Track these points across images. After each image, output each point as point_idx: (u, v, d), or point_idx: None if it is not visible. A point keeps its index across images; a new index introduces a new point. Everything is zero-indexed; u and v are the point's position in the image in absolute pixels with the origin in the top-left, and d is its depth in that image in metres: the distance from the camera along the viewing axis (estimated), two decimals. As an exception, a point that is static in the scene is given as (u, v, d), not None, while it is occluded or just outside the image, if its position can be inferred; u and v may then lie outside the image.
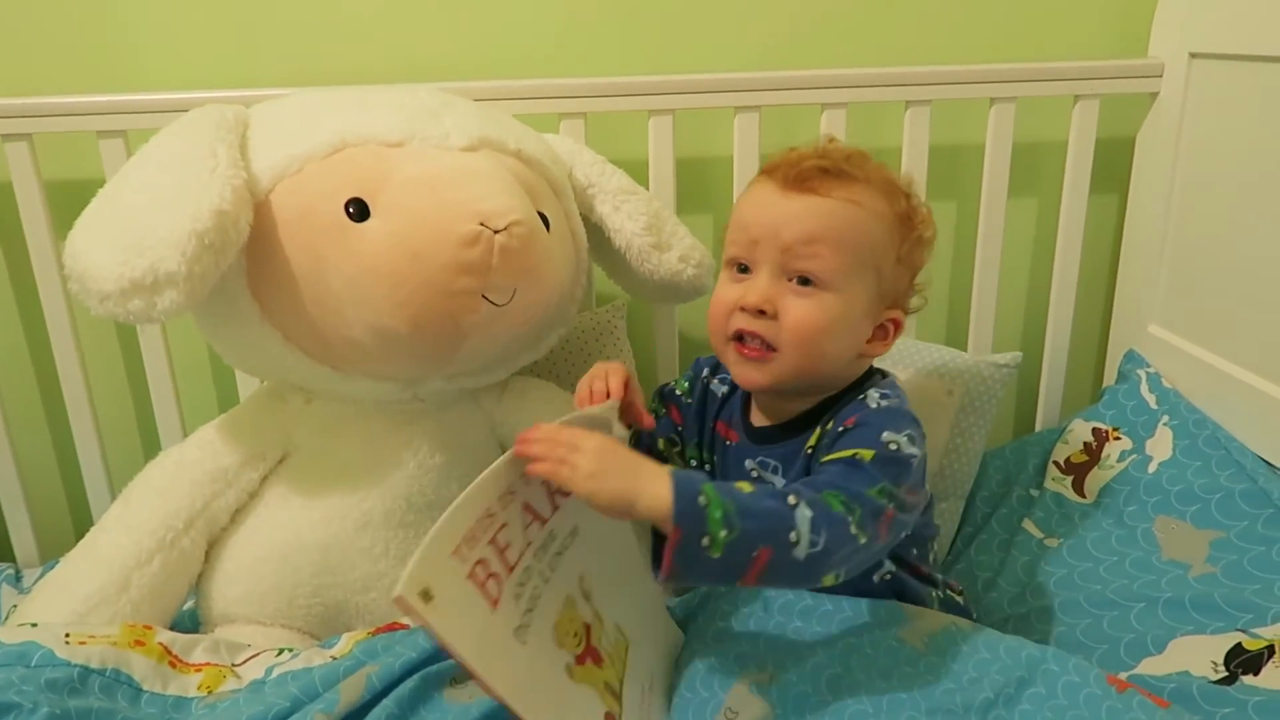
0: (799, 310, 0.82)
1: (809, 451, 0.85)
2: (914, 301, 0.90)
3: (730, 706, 0.78)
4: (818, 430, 0.85)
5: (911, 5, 1.30)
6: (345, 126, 0.92)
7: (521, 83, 1.17)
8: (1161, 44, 1.24)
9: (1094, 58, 1.29)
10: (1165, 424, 1.15)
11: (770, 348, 0.83)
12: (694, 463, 0.98)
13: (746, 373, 0.86)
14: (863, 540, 0.73)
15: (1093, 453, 1.20)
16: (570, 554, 0.76)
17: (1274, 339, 1.08)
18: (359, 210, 0.88)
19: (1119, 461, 1.16)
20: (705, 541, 0.67)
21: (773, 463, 0.89)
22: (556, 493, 0.74)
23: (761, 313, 0.83)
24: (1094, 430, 1.22)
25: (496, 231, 0.87)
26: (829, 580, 0.74)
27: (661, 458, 0.98)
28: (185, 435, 1.04)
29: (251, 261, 0.89)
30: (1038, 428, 1.38)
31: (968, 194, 1.35)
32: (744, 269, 0.85)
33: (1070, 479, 1.19)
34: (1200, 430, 1.12)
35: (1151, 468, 1.12)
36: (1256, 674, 0.86)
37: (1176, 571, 1.00)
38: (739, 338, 0.85)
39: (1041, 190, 1.39)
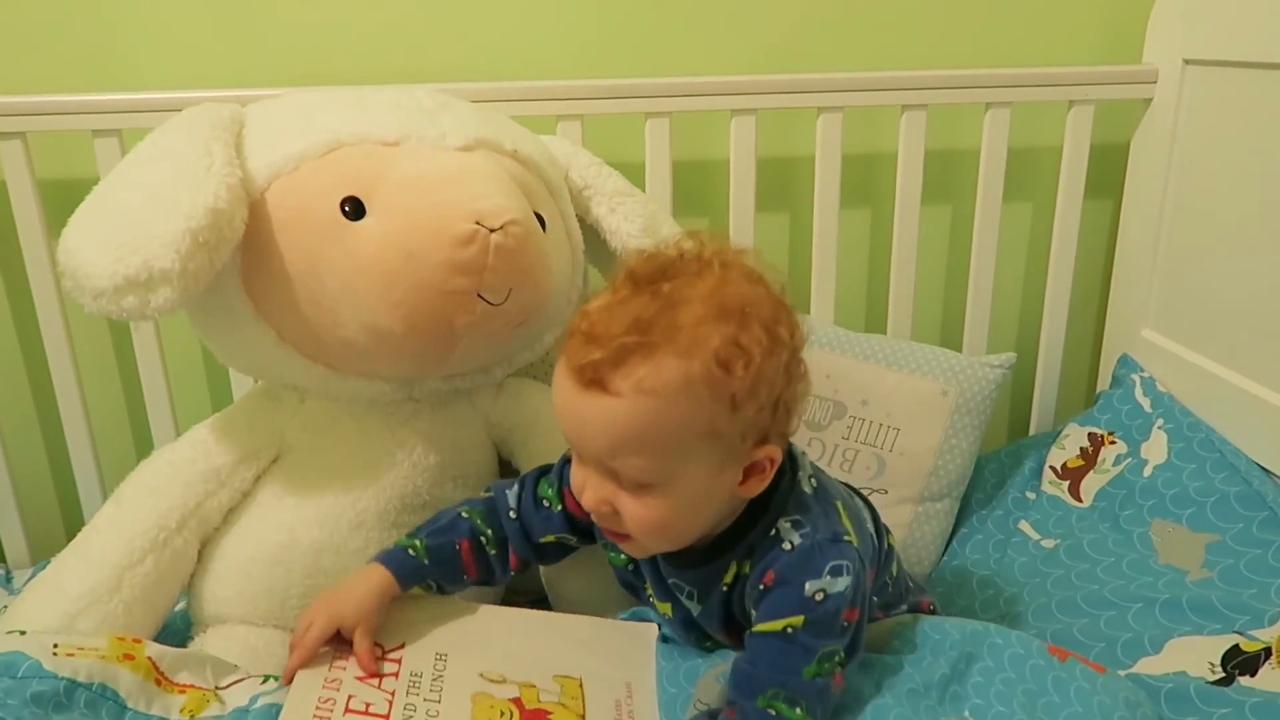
0: (635, 512, 0.75)
1: (725, 588, 0.81)
2: (793, 424, 0.78)
3: (699, 698, 0.81)
4: (733, 566, 0.80)
5: (908, 10, 1.30)
6: (341, 126, 0.91)
7: (518, 84, 1.18)
8: (1156, 50, 1.24)
9: (1089, 64, 1.29)
10: (1160, 428, 1.16)
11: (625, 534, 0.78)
12: (609, 560, 0.91)
13: (628, 549, 0.81)
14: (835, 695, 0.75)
15: (1088, 457, 1.20)
16: (452, 669, 0.79)
17: (1267, 344, 1.08)
18: (354, 209, 0.88)
19: (1114, 465, 1.16)
20: None
21: (688, 588, 0.84)
22: (383, 659, 0.79)
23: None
24: (1089, 435, 1.22)
25: (492, 231, 0.86)
26: None
27: (541, 547, 0.91)
28: (178, 435, 1.03)
29: (246, 260, 0.89)
30: (1032, 431, 1.38)
31: (963, 198, 1.35)
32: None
33: (1066, 483, 1.19)
34: (1195, 434, 1.12)
35: (1147, 471, 1.12)
36: (1253, 675, 0.86)
37: (1174, 575, 1.01)
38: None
39: (1036, 195, 1.40)
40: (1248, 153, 1.10)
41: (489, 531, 0.89)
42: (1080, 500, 1.16)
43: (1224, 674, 0.87)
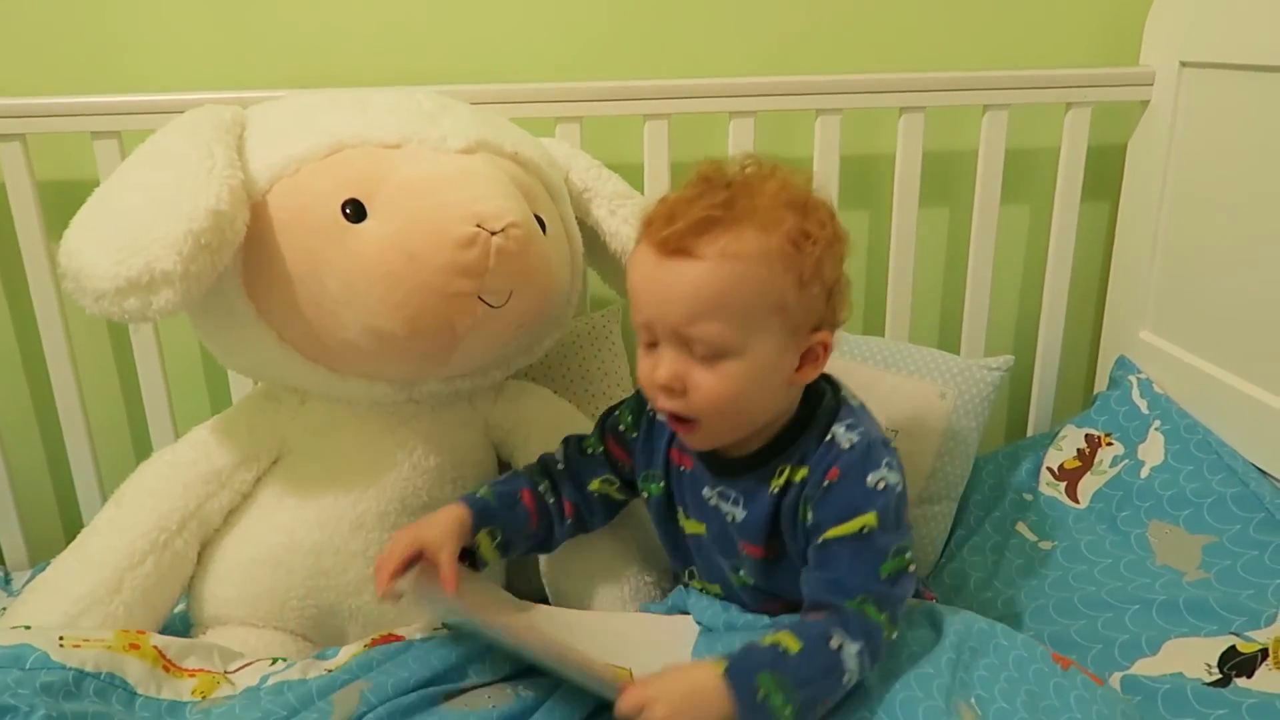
0: (706, 385, 0.79)
1: (773, 494, 0.84)
2: (843, 314, 0.85)
3: None
4: (784, 471, 0.84)
5: (906, 12, 1.31)
6: (342, 128, 0.91)
7: (517, 86, 1.18)
8: (1152, 53, 1.25)
9: (1086, 66, 1.30)
10: (1157, 429, 1.16)
11: (692, 419, 0.82)
12: (644, 494, 0.95)
13: (688, 440, 0.85)
14: (896, 632, 0.79)
15: (1085, 458, 1.20)
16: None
17: (1264, 345, 1.09)
18: (356, 211, 0.88)
19: (1111, 467, 1.17)
20: None
21: (734, 494, 0.87)
22: None
23: (674, 388, 0.80)
24: (1086, 436, 1.22)
25: (493, 233, 0.87)
26: None
27: (590, 497, 0.96)
28: (177, 437, 1.03)
29: (247, 262, 0.89)
30: (1029, 433, 1.38)
31: (961, 200, 1.36)
32: (651, 341, 0.82)
33: (1064, 484, 1.19)
34: (1192, 435, 1.13)
35: (1144, 473, 1.13)
36: (1250, 676, 0.86)
37: (1171, 576, 1.01)
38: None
39: (1034, 197, 1.40)
40: (1244, 154, 1.10)
41: (545, 481, 0.95)
42: (1077, 501, 1.17)
43: (1221, 675, 0.88)
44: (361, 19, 1.23)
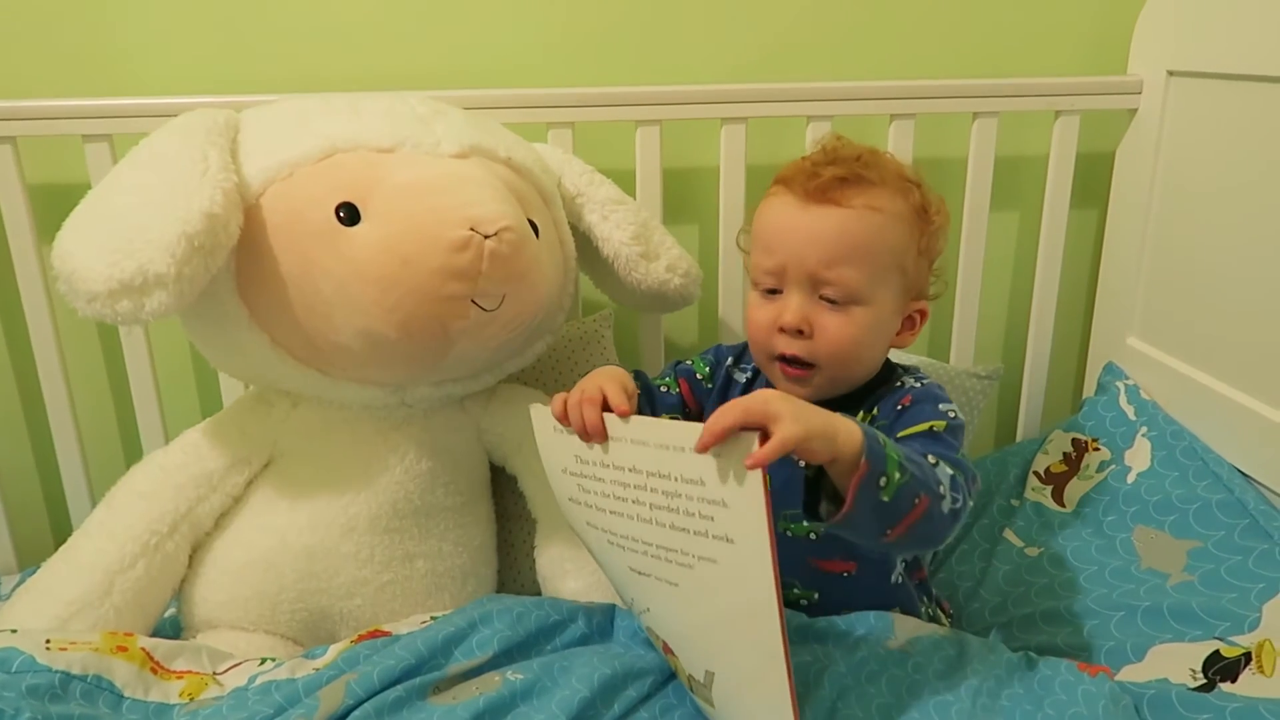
0: (834, 329, 0.84)
1: None
2: (934, 288, 0.92)
3: None
4: (860, 414, 0.88)
5: (898, 20, 1.32)
6: (336, 132, 0.92)
7: (510, 92, 1.18)
8: (1140, 62, 1.26)
9: (1075, 74, 1.31)
10: (1144, 435, 1.17)
11: (810, 364, 0.86)
12: None
13: (793, 389, 0.88)
14: (970, 503, 0.79)
15: (1072, 463, 1.21)
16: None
17: (1250, 352, 1.10)
18: (349, 215, 0.88)
19: (1098, 472, 1.18)
20: (882, 481, 0.71)
21: None
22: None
23: (799, 332, 0.84)
24: (1073, 441, 1.23)
25: (487, 237, 0.87)
26: (947, 540, 0.81)
27: None
28: (167, 440, 1.03)
29: (241, 265, 0.89)
30: (1018, 438, 1.39)
31: (950, 207, 1.35)
32: (773, 290, 0.87)
33: (1050, 489, 1.20)
34: (1178, 441, 1.14)
35: (1130, 478, 1.14)
36: (1234, 681, 0.87)
37: (1155, 581, 1.02)
38: (782, 359, 0.86)
39: (1023, 204, 1.41)
40: (1231, 163, 1.12)
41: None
42: (1063, 506, 1.18)
43: (1205, 680, 0.88)
44: (354, 24, 1.24)
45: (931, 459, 0.77)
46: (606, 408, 0.75)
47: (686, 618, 0.74)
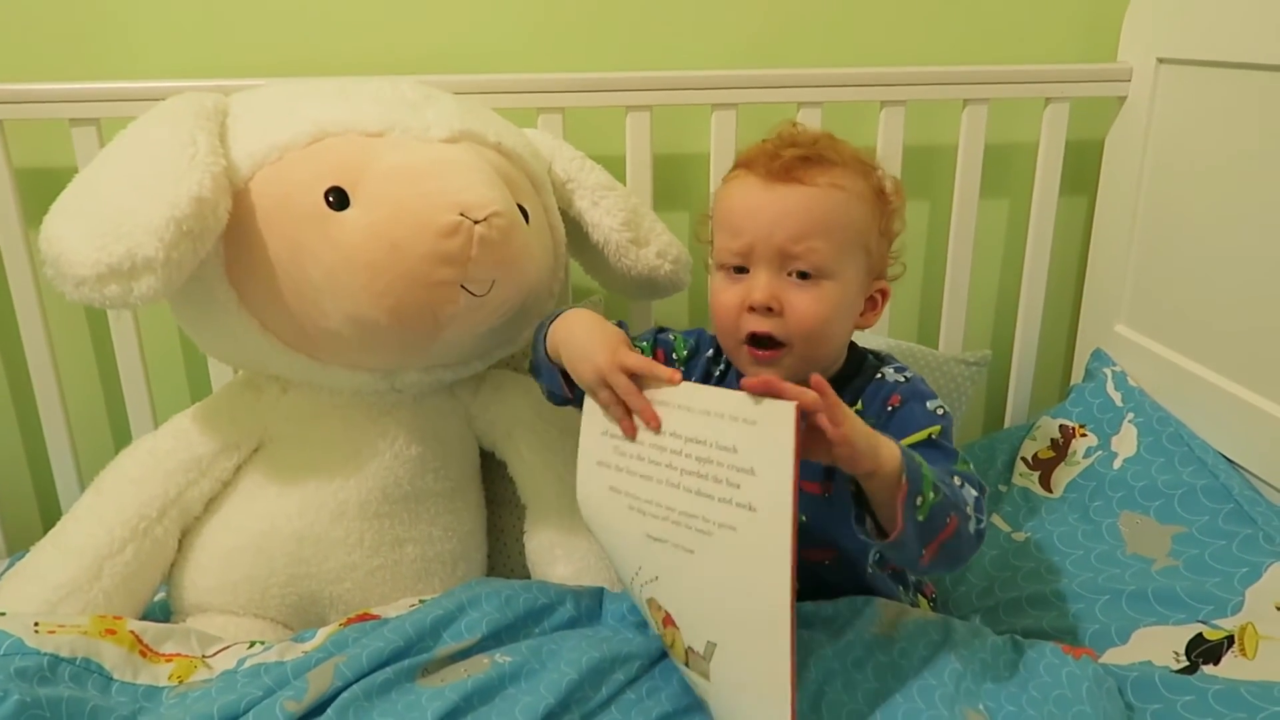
0: (803, 305, 0.84)
1: None
2: (893, 270, 0.93)
3: None
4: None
5: (889, 7, 1.31)
6: (325, 116, 0.91)
7: (500, 77, 1.18)
8: (1130, 49, 1.26)
9: (1065, 62, 1.31)
10: (1130, 421, 1.18)
11: (779, 344, 0.85)
12: None
13: (759, 373, 0.86)
14: (987, 522, 0.80)
15: (1059, 449, 1.22)
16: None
17: (1237, 339, 1.11)
18: (339, 199, 0.88)
19: (1085, 458, 1.19)
20: (919, 501, 0.72)
21: None
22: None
23: (769, 309, 0.84)
24: (1061, 427, 1.24)
25: (476, 223, 0.87)
26: (968, 561, 0.82)
27: None
28: (156, 426, 1.03)
29: (230, 249, 0.89)
30: (1006, 424, 1.40)
31: (940, 194, 1.37)
32: (740, 269, 0.86)
33: (1037, 474, 1.21)
34: (1164, 428, 1.15)
35: (1116, 464, 1.15)
36: (1216, 663, 0.88)
37: (1140, 565, 1.03)
38: (752, 340, 0.86)
39: (1012, 191, 1.41)
40: (1219, 151, 1.12)
41: None
42: (1050, 491, 1.18)
43: (1188, 663, 0.90)
44: (344, 8, 1.23)
45: (957, 480, 0.79)
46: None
47: (697, 586, 0.75)
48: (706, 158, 1.25)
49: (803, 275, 0.84)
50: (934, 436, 0.83)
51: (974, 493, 0.79)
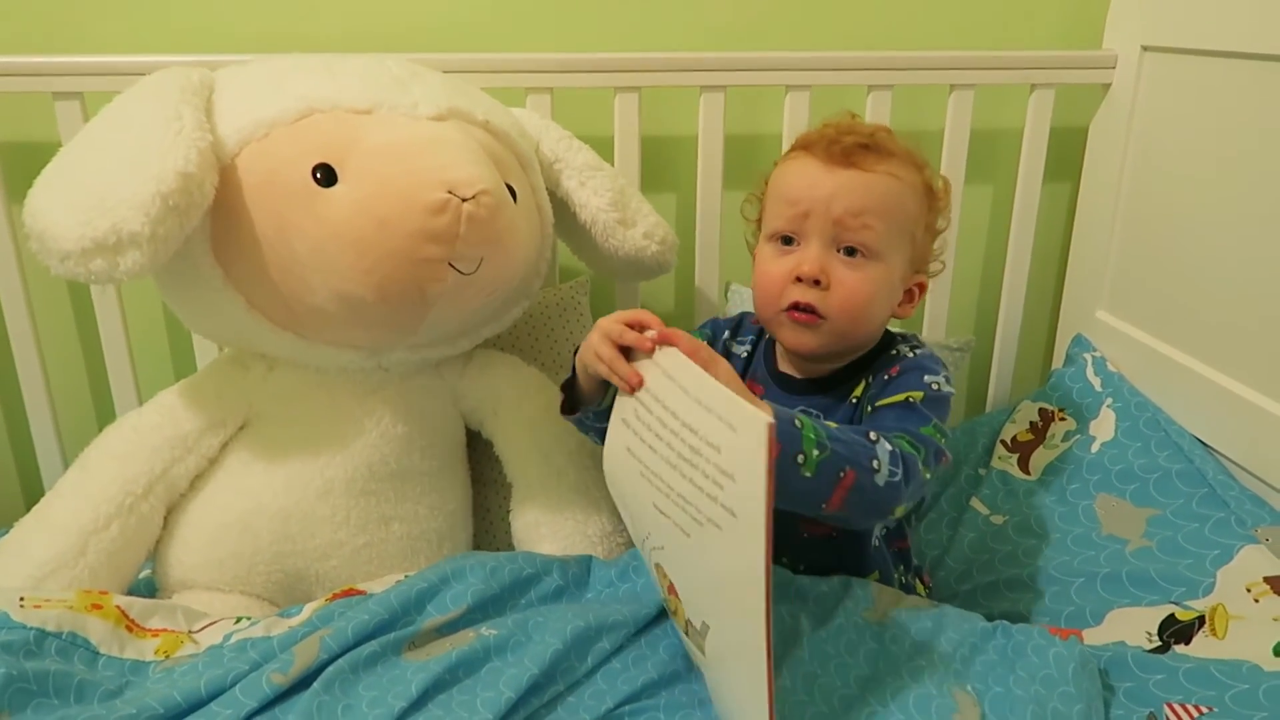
0: (850, 281, 0.87)
1: (854, 401, 0.91)
2: (933, 266, 0.96)
3: None
4: (863, 383, 0.92)
5: (876, -9, 1.32)
6: (313, 92, 0.91)
7: (488, 56, 1.17)
8: (1115, 36, 1.27)
9: (1050, 48, 1.32)
10: (1109, 406, 1.19)
11: (820, 315, 0.88)
12: None
13: (800, 337, 0.90)
14: (927, 475, 0.82)
15: (1038, 432, 1.23)
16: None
17: (1214, 326, 1.12)
18: (326, 176, 0.88)
19: (1063, 441, 1.20)
20: (800, 459, 0.74)
21: (815, 411, 0.91)
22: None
23: (815, 282, 0.87)
24: (1040, 411, 1.25)
25: (464, 200, 0.87)
26: (899, 511, 0.82)
27: None
28: (140, 403, 1.03)
29: (216, 225, 0.89)
30: (988, 409, 1.42)
31: (926, 179, 1.37)
32: (788, 241, 0.89)
33: (1016, 457, 1.22)
34: (1141, 413, 1.16)
35: (1094, 448, 1.16)
36: (1188, 643, 0.90)
37: (1115, 546, 1.04)
38: (794, 307, 0.88)
39: (997, 177, 1.42)
40: (1203, 139, 1.13)
41: None
42: (1029, 474, 1.20)
43: (1160, 643, 0.91)
44: (331, -17, 1.22)
45: (873, 435, 0.79)
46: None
47: (693, 568, 0.76)
48: (694, 140, 1.25)
49: (849, 253, 0.87)
50: (911, 399, 0.86)
51: (889, 447, 0.79)
